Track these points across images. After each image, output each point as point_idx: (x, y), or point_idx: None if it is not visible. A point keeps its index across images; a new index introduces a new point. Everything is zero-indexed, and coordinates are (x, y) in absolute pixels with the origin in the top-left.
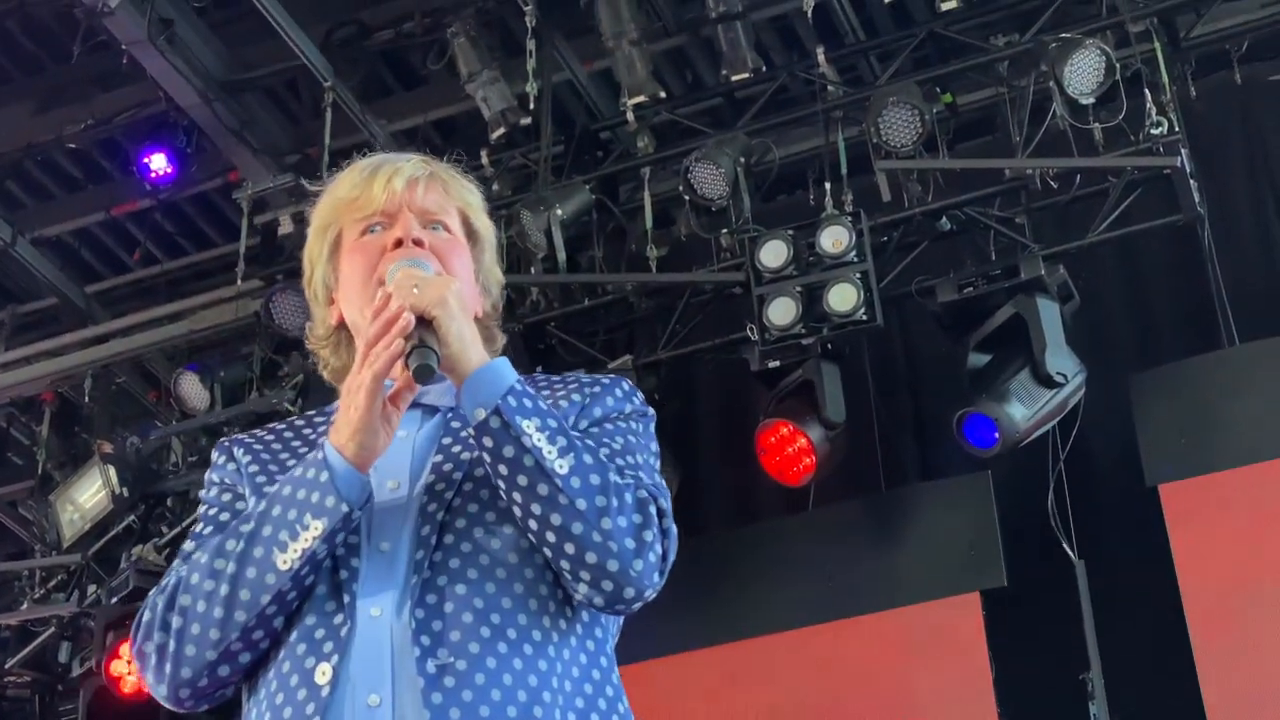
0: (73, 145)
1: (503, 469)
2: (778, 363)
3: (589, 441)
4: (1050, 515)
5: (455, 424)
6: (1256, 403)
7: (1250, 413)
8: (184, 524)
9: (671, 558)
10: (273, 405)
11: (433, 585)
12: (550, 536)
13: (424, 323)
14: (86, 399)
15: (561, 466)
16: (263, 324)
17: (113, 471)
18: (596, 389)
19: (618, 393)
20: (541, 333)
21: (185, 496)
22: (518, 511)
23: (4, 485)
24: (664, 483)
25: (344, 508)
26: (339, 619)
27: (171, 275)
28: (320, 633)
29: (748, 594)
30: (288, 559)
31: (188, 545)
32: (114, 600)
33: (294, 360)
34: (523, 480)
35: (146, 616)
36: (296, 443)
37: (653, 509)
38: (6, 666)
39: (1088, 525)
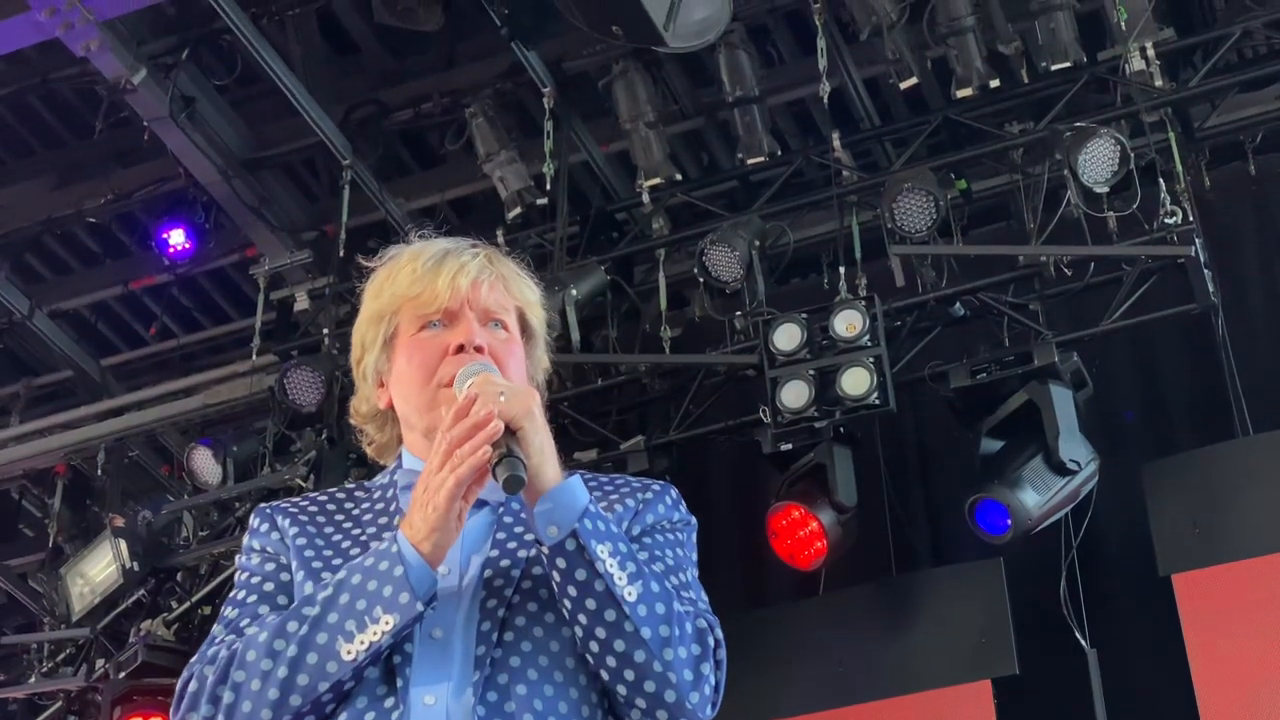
0: (92, 219)
1: (572, 590)
2: (790, 445)
3: (654, 566)
4: (1063, 603)
5: (508, 519)
6: (1270, 493)
7: (1264, 503)
8: (194, 599)
9: (722, 687)
10: (285, 481)
11: (494, 683)
12: (611, 661)
13: (509, 432)
14: (99, 472)
15: (630, 594)
16: (276, 399)
17: (124, 545)
18: (648, 495)
19: (667, 500)
20: (554, 413)
21: (195, 571)
22: (580, 631)
23: (15, 557)
24: (709, 606)
25: (418, 606)
26: (390, 702)
27: (187, 350)
28: (371, 715)
29: (757, 679)
30: (353, 650)
31: (230, 612)
32: (122, 675)
33: (307, 436)
34: (591, 604)
35: (193, 687)
36: (340, 517)
37: (710, 640)
38: None
39: (1100, 614)
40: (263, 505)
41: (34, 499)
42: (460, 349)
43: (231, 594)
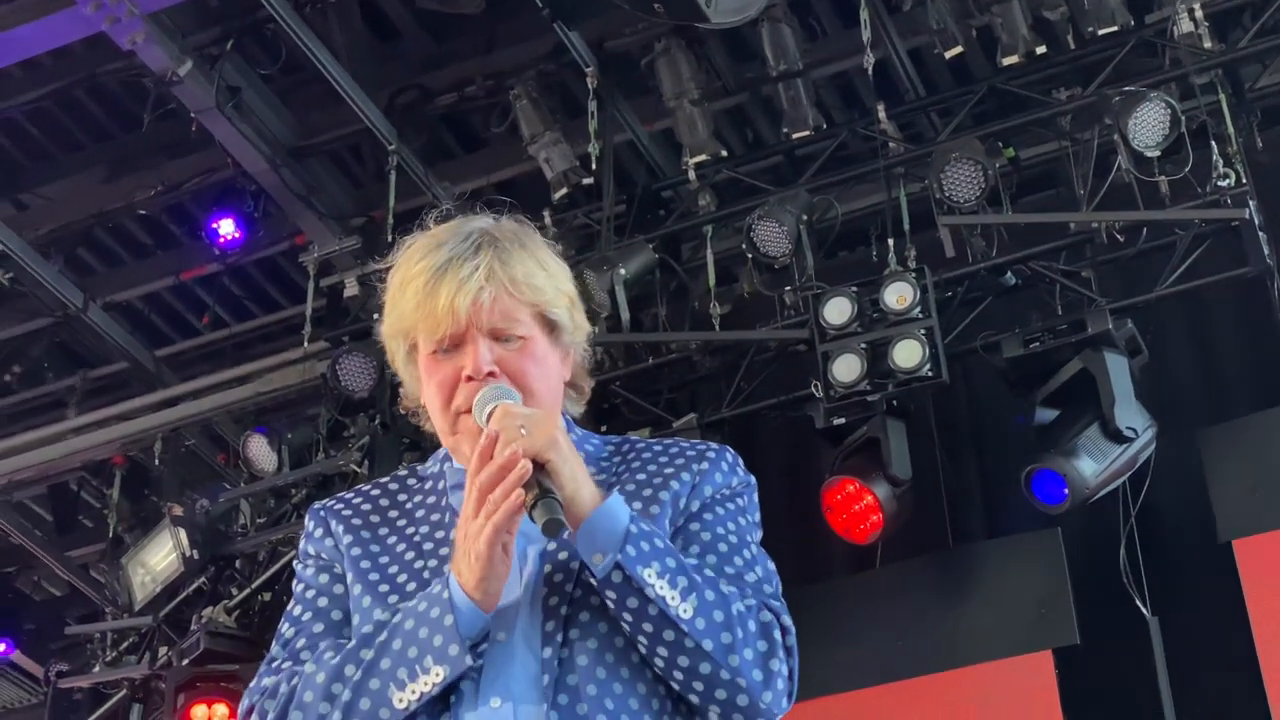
0: (142, 211)
1: (628, 616)
2: (843, 420)
3: (707, 571)
4: (1122, 571)
5: None
6: None
7: None
8: (253, 585)
9: (796, 675)
10: (339, 466)
11: (564, 685)
12: (678, 675)
13: (538, 466)
14: (156, 462)
15: (685, 611)
16: (329, 386)
17: (183, 534)
18: (704, 465)
19: (724, 465)
20: (605, 392)
21: (254, 558)
22: (643, 649)
23: (76, 549)
24: (779, 587)
25: (468, 660)
26: (457, 711)
27: (239, 338)
28: None
29: (815, 654)
30: (404, 699)
31: (287, 630)
32: (185, 662)
33: (360, 422)
34: (648, 627)
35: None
36: (394, 514)
37: (777, 633)
38: None
39: (1161, 581)
40: (316, 506)
41: (93, 490)
42: (471, 378)
43: (289, 607)
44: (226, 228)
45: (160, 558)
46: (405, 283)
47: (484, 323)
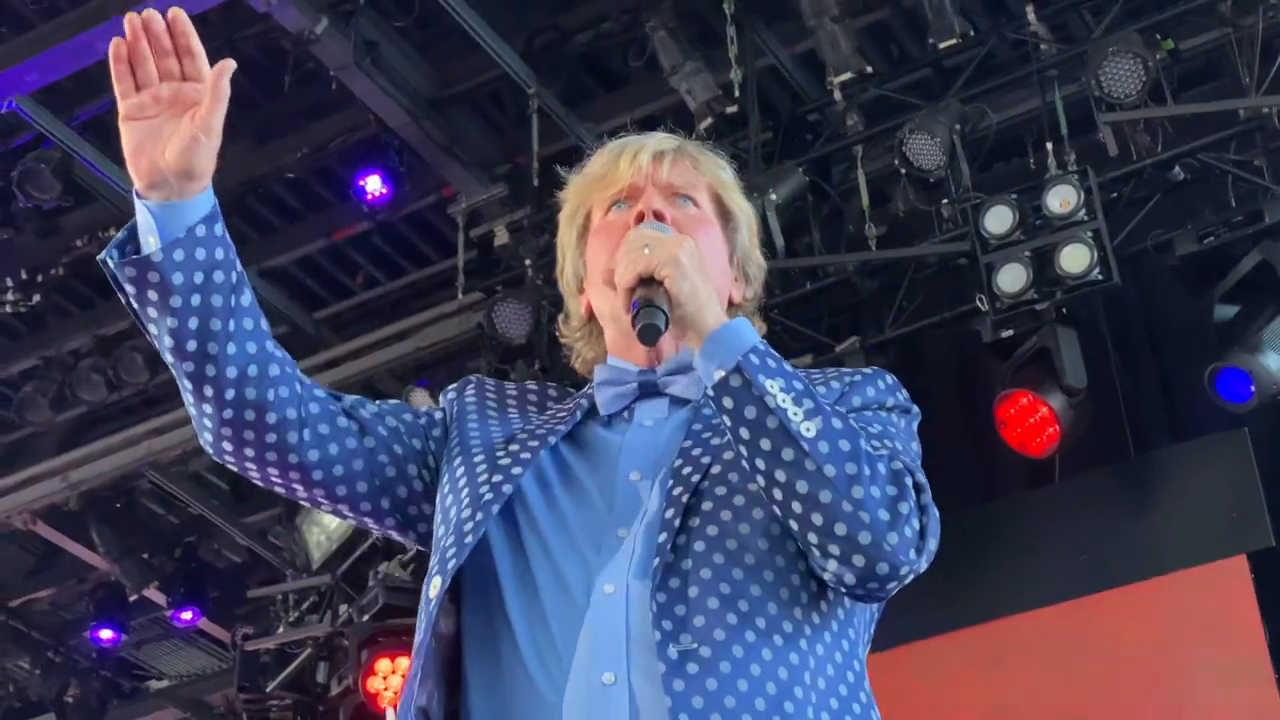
0: (291, 175)
1: (744, 432)
2: (1011, 332)
3: (840, 409)
4: None
5: (707, 412)
6: None
7: None
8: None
9: (933, 539)
10: None
11: (676, 569)
12: (796, 506)
13: (657, 285)
14: None
15: (808, 430)
16: (486, 336)
17: None
18: (857, 378)
19: (880, 384)
20: (766, 320)
21: None
22: (761, 480)
23: (253, 515)
24: (919, 468)
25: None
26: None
27: (394, 296)
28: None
29: (996, 573)
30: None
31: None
32: (365, 618)
33: (520, 369)
34: (765, 444)
35: None
36: (532, 408)
37: (909, 481)
38: (268, 690)
39: None
40: (473, 376)
41: None
42: (640, 219)
43: None
44: (374, 185)
45: (333, 517)
46: (588, 165)
47: (661, 179)
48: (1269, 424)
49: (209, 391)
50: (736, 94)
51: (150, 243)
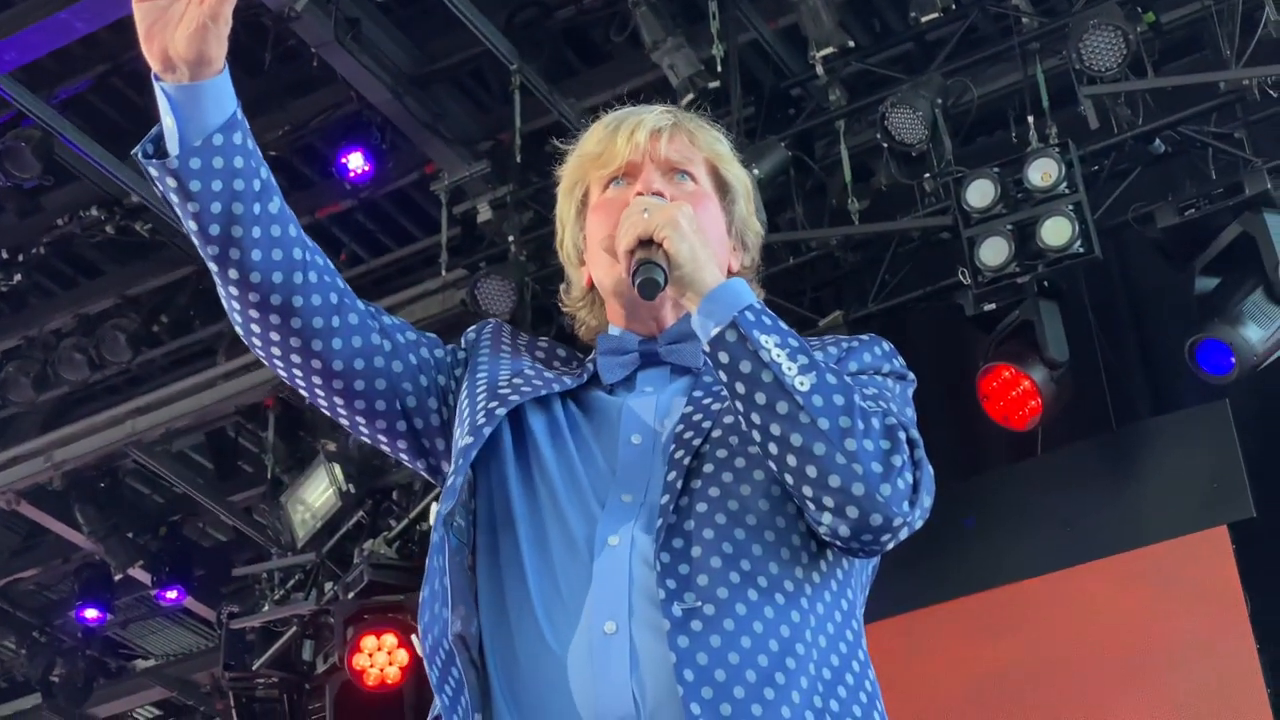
0: (273, 153)
1: (740, 387)
2: (993, 305)
3: (834, 366)
4: None
5: (708, 379)
6: None
7: None
8: (411, 515)
9: (927, 495)
10: None
11: (679, 530)
12: (791, 459)
13: (656, 246)
14: (307, 401)
15: (802, 384)
16: (470, 312)
17: (338, 469)
18: (854, 344)
19: (876, 350)
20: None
21: (409, 489)
22: (756, 435)
23: (237, 493)
24: (915, 427)
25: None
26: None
27: (377, 273)
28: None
29: (981, 545)
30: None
31: None
32: (351, 595)
33: None
34: (760, 398)
35: None
36: (540, 364)
37: (902, 435)
38: (254, 668)
39: None
40: (491, 319)
41: (249, 435)
42: (640, 194)
43: None
44: (356, 162)
45: (318, 495)
46: (584, 139)
47: (659, 155)
48: (1249, 396)
49: (234, 289)
50: (719, 69)
51: (171, 146)
